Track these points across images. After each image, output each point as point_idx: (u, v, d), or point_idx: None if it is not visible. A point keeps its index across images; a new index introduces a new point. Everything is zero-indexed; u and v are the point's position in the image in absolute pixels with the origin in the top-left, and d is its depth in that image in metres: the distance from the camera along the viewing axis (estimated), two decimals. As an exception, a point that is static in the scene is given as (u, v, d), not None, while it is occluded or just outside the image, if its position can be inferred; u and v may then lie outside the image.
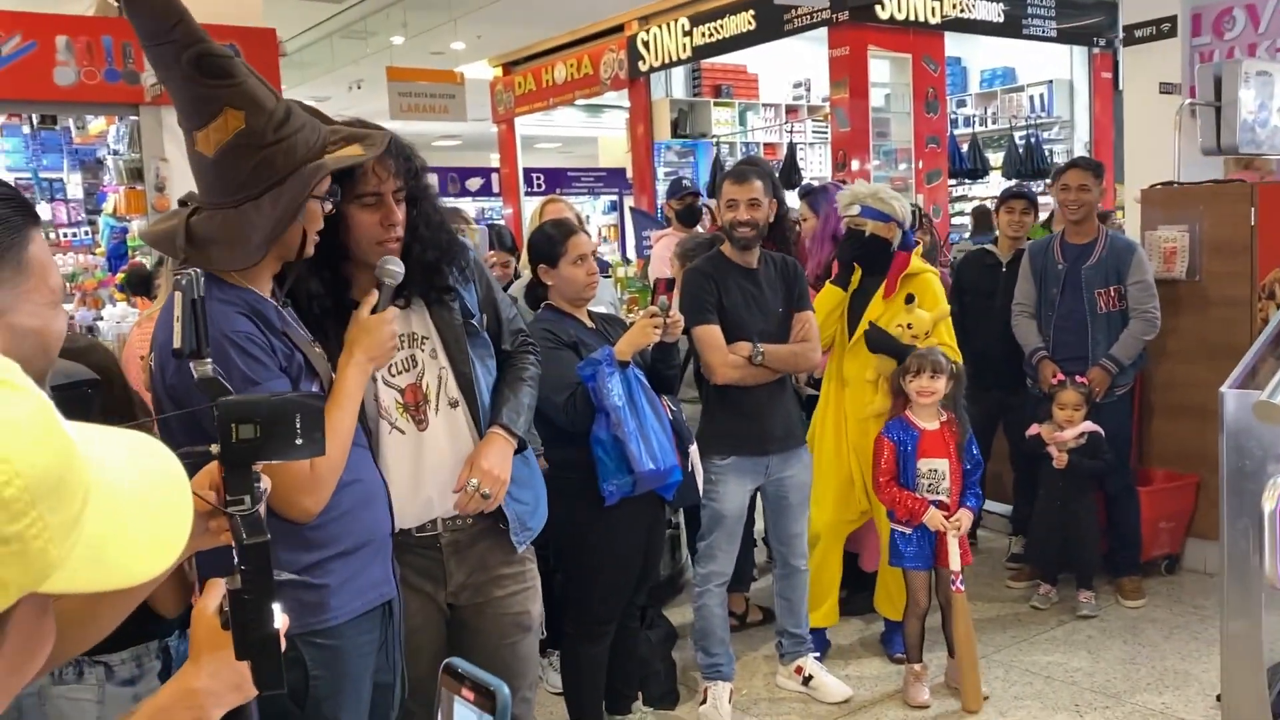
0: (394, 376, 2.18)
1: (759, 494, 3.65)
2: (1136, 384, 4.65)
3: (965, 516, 3.55)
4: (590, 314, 3.13)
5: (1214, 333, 4.58)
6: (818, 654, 3.80)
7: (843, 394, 3.91)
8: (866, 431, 3.81)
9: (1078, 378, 4.31)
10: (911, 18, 8.48)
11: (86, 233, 9.10)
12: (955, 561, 3.54)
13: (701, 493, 3.43)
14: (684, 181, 6.43)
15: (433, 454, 2.18)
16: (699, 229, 5.56)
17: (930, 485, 3.56)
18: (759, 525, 3.99)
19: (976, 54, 10.75)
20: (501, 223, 6.21)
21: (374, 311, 1.97)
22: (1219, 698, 3.11)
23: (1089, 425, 4.21)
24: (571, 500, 2.66)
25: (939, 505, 3.54)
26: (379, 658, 1.97)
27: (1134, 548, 4.49)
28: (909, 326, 3.76)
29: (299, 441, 1.11)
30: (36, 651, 0.62)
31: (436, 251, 2.12)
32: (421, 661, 2.21)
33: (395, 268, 2.00)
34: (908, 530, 3.58)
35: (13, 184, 1.14)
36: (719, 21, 9.56)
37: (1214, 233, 4.70)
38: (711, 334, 3.41)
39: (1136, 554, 4.50)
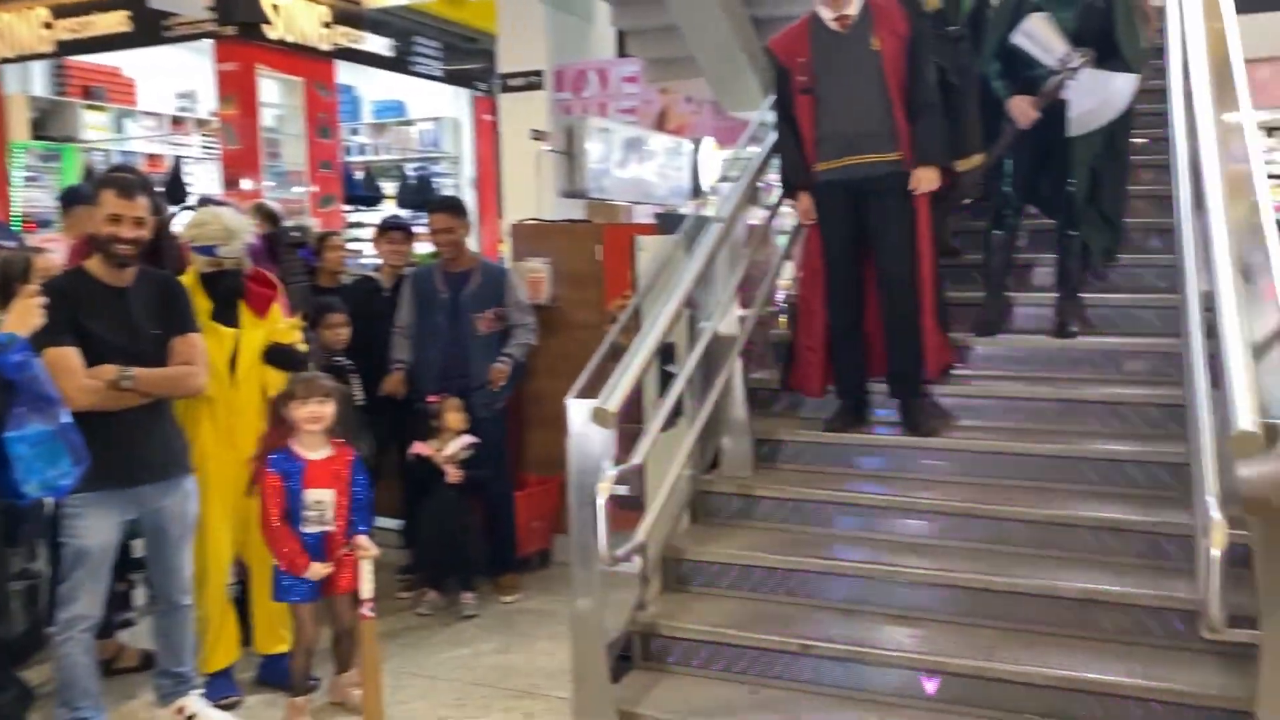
0: None
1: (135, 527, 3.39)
2: (512, 398, 5.13)
3: (364, 540, 3.50)
4: None
5: (572, 352, 5.18)
6: (203, 690, 3.62)
7: (229, 425, 3.70)
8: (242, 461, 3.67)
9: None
10: (301, 41, 8.48)
11: None
12: (367, 588, 3.48)
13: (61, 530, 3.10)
14: None
15: None
16: None
17: (318, 516, 3.48)
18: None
19: (371, 85, 11.03)
20: None
21: None
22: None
23: (469, 438, 4.55)
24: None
25: (326, 535, 3.49)
26: None
27: (510, 547, 4.96)
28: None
29: None
30: None
31: None
32: None
33: None
34: None
35: None
36: (86, 17, 8.72)
37: (569, 265, 5.39)
38: (64, 357, 3.08)
39: (513, 552, 4.98)
